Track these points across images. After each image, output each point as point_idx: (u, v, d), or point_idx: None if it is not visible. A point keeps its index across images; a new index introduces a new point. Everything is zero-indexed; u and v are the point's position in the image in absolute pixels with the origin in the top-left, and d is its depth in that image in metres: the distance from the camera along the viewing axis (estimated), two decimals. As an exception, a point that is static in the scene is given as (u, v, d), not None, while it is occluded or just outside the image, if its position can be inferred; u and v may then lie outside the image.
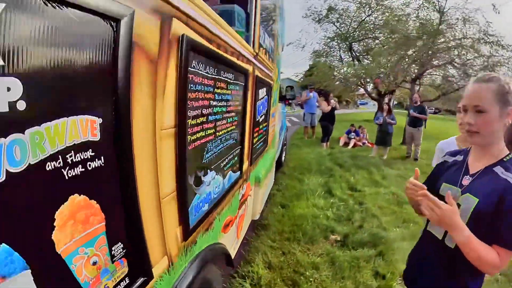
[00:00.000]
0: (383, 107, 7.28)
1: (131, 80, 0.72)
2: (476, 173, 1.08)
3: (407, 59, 10.01)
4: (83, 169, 0.62)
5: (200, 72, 1.11)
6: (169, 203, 0.97)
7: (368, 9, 13.71)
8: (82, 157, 0.61)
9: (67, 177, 0.58)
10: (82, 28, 0.57)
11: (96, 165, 0.65)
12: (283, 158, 5.91)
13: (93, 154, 0.64)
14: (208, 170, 1.29)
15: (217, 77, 1.31)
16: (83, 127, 0.61)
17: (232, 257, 2.03)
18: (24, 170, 0.49)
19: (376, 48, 13.16)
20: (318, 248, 2.90)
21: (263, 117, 2.80)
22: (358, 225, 3.39)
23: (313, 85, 10.64)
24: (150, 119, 0.84)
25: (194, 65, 1.05)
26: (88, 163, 0.63)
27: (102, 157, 0.67)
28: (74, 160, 0.59)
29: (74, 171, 0.59)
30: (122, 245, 0.75)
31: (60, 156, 0.56)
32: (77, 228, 0.61)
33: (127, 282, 0.79)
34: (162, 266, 0.96)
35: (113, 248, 0.72)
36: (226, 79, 1.45)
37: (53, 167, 0.54)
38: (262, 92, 2.65)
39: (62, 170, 0.57)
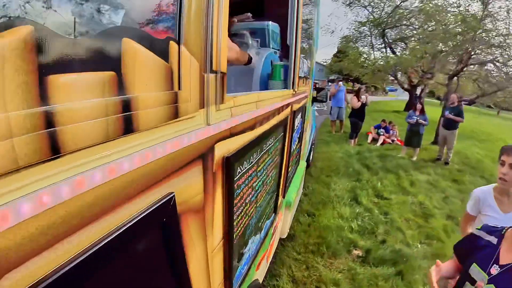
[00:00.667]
0: (416, 105, 7.09)
1: (186, 253, 0.76)
2: (505, 266, 1.11)
3: (443, 53, 9.55)
4: None
5: (244, 170, 1.13)
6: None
7: (403, -7, 12.96)
8: None
9: None
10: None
11: None
12: (310, 158, 5.93)
13: None
14: (249, 241, 1.41)
15: (259, 155, 1.32)
16: None
17: (261, 281, 2.27)
18: None
19: (412, 38, 12.54)
20: (340, 263, 3.05)
21: (297, 141, 2.78)
22: (381, 240, 3.47)
23: (341, 78, 10.44)
24: (203, 256, 0.88)
25: (239, 171, 1.06)
26: None
27: None
28: None
29: None
30: None
31: None
32: None
33: None
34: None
35: None
36: (267, 147, 1.47)
37: None
38: (298, 119, 2.61)
39: None
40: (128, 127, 0.49)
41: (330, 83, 12.69)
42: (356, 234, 3.60)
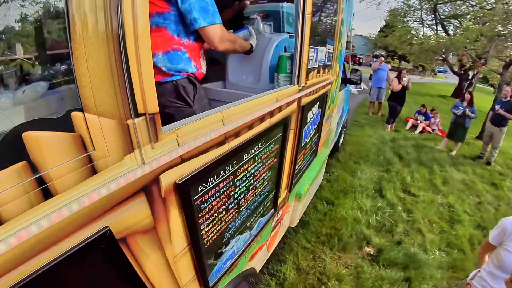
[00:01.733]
0: (465, 95, 6.41)
1: (139, 262, 0.84)
2: None
3: (501, 37, 8.37)
4: None
5: (211, 186, 1.08)
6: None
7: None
8: None
9: None
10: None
11: None
12: (340, 142, 5.71)
13: None
14: (232, 240, 1.37)
15: (237, 166, 1.24)
16: None
17: (258, 270, 2.19)
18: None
19: (467, 16, 11.09)
20: (348, 258, 2.96)
21: (313, 132, 2.63)
22: (397, 240, 3.29)
23: (385, 55, 9.65)
24: (161, 261, 0.94)
25: (202, 188, 1.02)
26: None
27: None
28: None
29: None
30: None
31: None
32: None
33: None
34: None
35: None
36: (252, 154, 1.36)
37: None
38: (314, 110, 2.43)
39: None
40: (46, 194, 0.58)
41: (374, 59, 11.91)
42: (373, 230, 3.45)
